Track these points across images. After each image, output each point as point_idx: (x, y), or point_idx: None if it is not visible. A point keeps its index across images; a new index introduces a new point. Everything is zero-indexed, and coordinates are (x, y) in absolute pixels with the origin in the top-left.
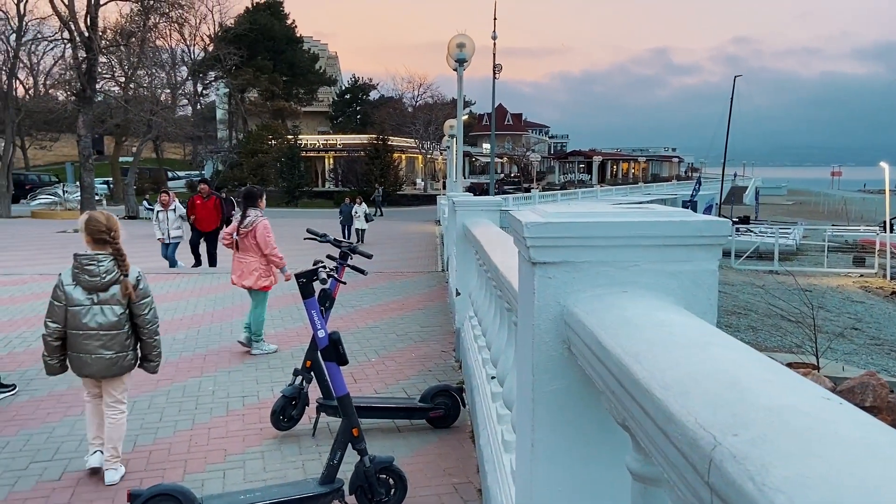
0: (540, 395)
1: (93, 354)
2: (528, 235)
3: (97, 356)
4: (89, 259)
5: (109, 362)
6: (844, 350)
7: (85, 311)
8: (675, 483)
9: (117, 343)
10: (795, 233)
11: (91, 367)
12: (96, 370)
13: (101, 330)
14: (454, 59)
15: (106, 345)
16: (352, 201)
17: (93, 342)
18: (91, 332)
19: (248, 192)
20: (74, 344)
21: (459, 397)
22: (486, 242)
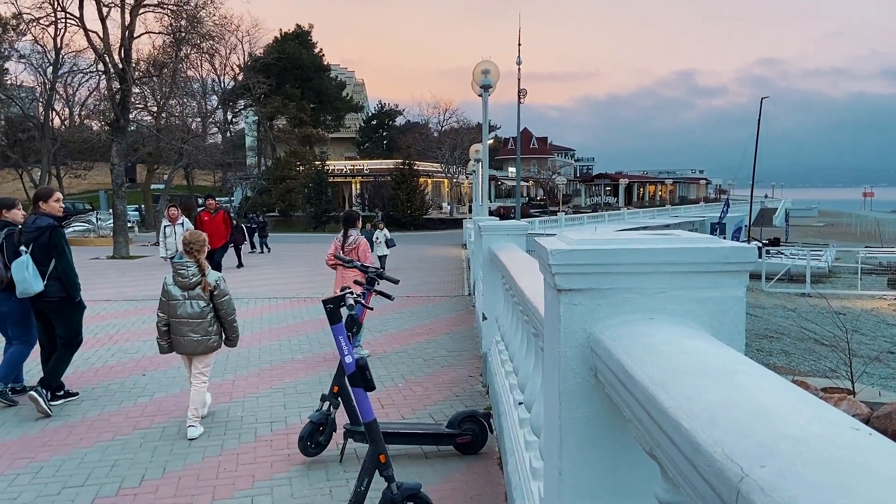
0: (567, 422)
1: (184, 337)
2: (553, 263)
3: (187, 339)
4: (182, 265)
5: (196, 343)
6: (881, 374)
7: (180, 304)
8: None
9: (202, 329)
10: (827, 255)
11: (184, 346)
12: (188, 349)
13: (191, 318)
14: (479, 84)
15: (194, 329)
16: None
17: (184, 328)
18: (183, 320)
19: (348, 216)
20: (174, 329)
21: (487, 423)
22: (512, 267)
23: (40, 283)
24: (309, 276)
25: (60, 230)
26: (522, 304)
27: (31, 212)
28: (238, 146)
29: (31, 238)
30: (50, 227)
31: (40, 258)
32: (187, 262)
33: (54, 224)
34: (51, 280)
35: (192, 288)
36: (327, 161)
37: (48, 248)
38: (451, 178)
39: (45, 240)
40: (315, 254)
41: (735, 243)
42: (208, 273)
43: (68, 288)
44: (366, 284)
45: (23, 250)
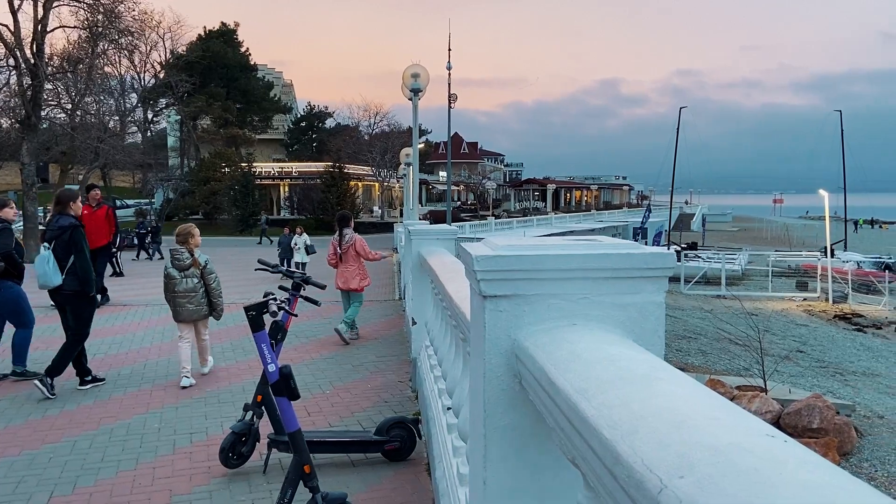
0: (492, 430)
1: (183, 308)
2: (478, 269)
3: (185, 309)
4: (178, 251)
5: (192, 311)
6: (790, 372)
7: (178, 282)
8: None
9: (196, 301)
10: (741, 258)
11: (182, 314)
12: (186, 316)
13: (187, 292)
14: (409, 88)
15: (190, 301)
16: (291, 232)
17: (183, 300)
18: (181, 293)
19: (342, 216)
20: (175, 302)
21: (415, 429)
22: (440, 272)
23: (59, 277)
24: (233, 282)
25: (81, 230)
26: (451, 309)
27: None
28: (159, 146)
29: (54, 236)
30: (72, 226)
31: (60, 254)
32: (181, 249)
33: (76, 224)
34: (68, 275)
35: (187, 268)
36: (254, 163)
37: (69, 245)
38: (382, 181)
39: (66, 238)
40: (241, 258)
41: (655, 249)
42: (198, 255)
43: (84, 283)
44: (291, 290)
45: (45, 246)
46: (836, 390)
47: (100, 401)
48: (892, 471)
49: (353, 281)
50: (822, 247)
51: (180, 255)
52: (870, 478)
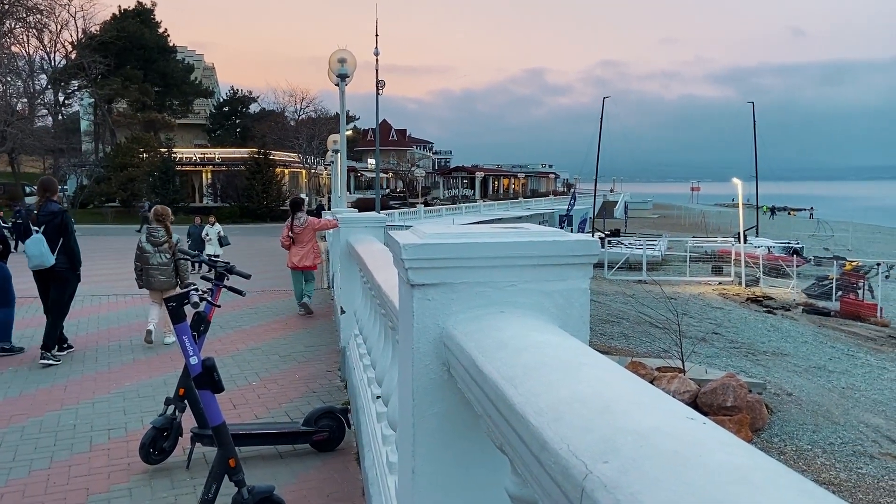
0: (420, 419)
1: (155, 279)
2: (405, 257)
3: (157, 280)
4: (154, 229)
5: (163, 282)
6: (707, 353)
7: (151, 255)
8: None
9: (166, 273)
10: (661, 244)
11: (153, 284)
12: (157, 286)
13: (160, 265)
14: (336, 74)
15: (161, 273)
16: (203, 222)
17: (155, 272)
18: (154, 266)
19: (295, 201)
20: (148, 273)
21: (344, 418)
22: (369, 260)
23: (52, 258)
24: None
25: (69, 214)
26: (380, 298)
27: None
28: (72, 130)
29: (45, 220)
30: (61, 211)
31: (51, 237)
32: (158, 227)
33: (64, 209)
34: (59, 255)
35: (161, 244)
36: (174, 148)
37: (59, 228)
38: (310, 168)
39: (57, 222)
40: None
41: (580, 236)
42: (173, 235)
43: (74, 261)
44: (214, 280)
45: (36, 230)
46: (749, 370)
47: (9, 398)
48: (799, 444)
49: (306, 259)
50: (736, 233)
51: (156, 231)
52: (780, 452)
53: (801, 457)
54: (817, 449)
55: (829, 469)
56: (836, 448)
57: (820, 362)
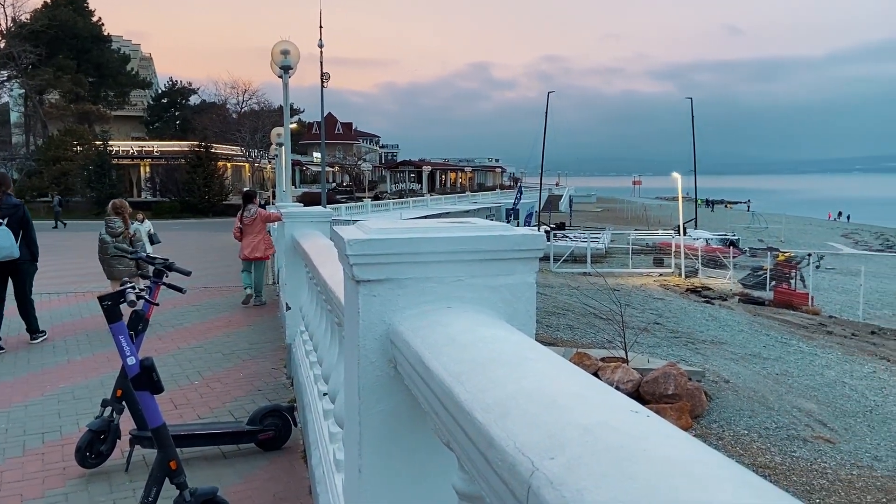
0: (367, 417)
1: (114, 267)
2: (350, 253)
3: (115, 268)
4: (112, 220)
5: (122, 270)
6: (649, 343)
7: (110, 246)
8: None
9: (124, 262)
10: (604, 237)
11: (113, 273)
12: (117, 274)
13: (117, 255)
14: (278, 65)
15: (120, 262)
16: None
17: (114, 261)
18: (112, 256)
19: (247, 194)
20: (108, 263)
21: (291, 416)
22: (314, 256)
23: (18, 249)
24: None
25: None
26: (326, 294)
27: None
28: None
29: (8, 213)
30: (22, 204)
31: (14, 230)
32: (115, 219)
33: (22, 202)
34: (21, 246)
35: (118, 236)
36: (110, 141)
37: (21, 220)
38: (253, 162)
39: (19, 214)
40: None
41: (526, 231)
42: (130, 226)
43: (34, 252)
44: (153, 277)
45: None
46: (689, 358)
47: None
48: (737, 430)
49: (257, 250)
50: (676, 225)
51: (113, 223)
52: (718, 437)
53: (739, 442)
54: (753, 434)
55: (765, 453)
56: (772, 432)
57: (755, 350)
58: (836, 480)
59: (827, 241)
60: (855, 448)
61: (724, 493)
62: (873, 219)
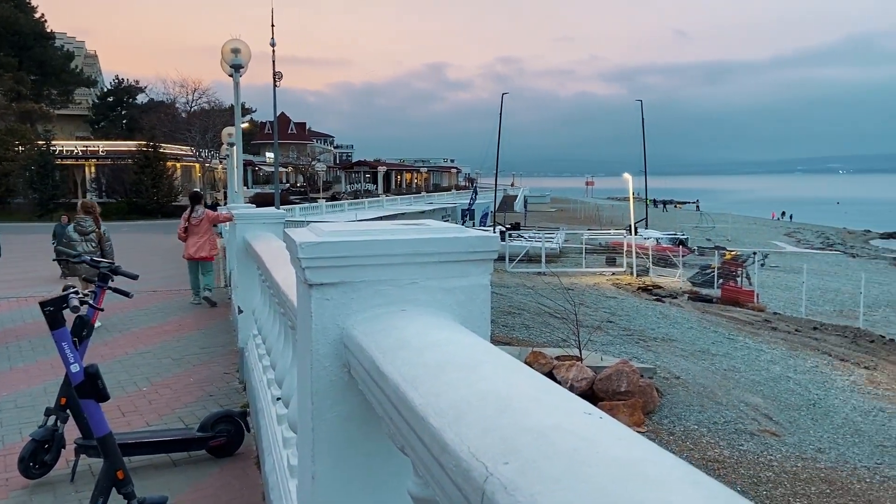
0: (320, 422)
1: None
2: (303, 256)
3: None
4: (82, 219)
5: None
6: (602, 341)
7: (78, 243)
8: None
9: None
10: (559, 237)
11: (79, 270)
12: (83, 272)
13: (85, 252)
14: (229, 64)
15: None
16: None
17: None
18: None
19: (194, 195)
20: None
21: (243, 422)
22: (267, 258)
23: None
24: (30, 272)
25: None
26: (278, 297)
27: None
28: None
29: None
30: None
31: None
32: (86, 218)
33: None
34: None
35: (88, 233)
36: (53, 141)
37: None
38: (204, 162)
39: None
40: (39, 245)
41: (480, 233)
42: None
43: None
44: (98, 281)
45: None
46: (641, 355)
47: None
48: (687, 425)
49: (202, 250)
50: (628, 225)
51: (84, 222)
52: (669, 433)
53: (689, 436)
54: (703, 428)
55: (714, 447)
56: (720, 427)
57: (704, 346)
58: (781, 472)
59: (771, 240)
60: (799, 441)
61: (677, 494)
62: (814, 218)
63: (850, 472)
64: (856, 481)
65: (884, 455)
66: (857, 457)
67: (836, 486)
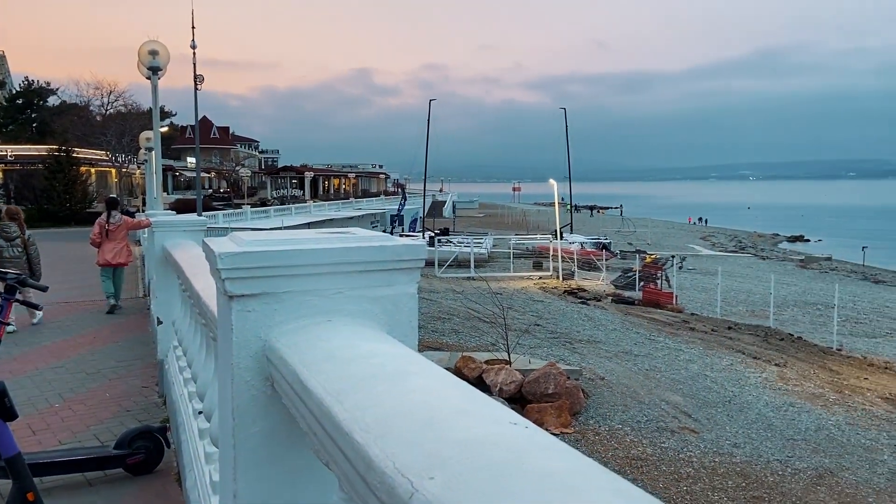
0: (242, 439)
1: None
2: (222, 267)
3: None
4: (6, 226)
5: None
6: (530, 344)
7: (4, 248)
8: None
9: (18, 265)
10: (487, 242)
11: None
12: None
13: (12, 258)
14: (146, 66)
15: (14, 265)
16: None
17: (9, 264)
18: (7, 258)
19: (111, 200)
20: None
21: (163, 438)
22: (187, 267)
23: None
24: None
25: None
26: (199, 307)
27: None
28: None
29: None
30: None
31: None
32: (10, 224)
33: None
34: None
35: (13, 239)
36: None
37: None
38: (120, 167)
39: None
40: None
41: (407, 241)
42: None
43: None
44: (3, 294)
45: None
46: (567, 357)
47: None
48: (612, 424)
49: (120, 256)
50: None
51: (8, 228)
52: (595, 433)
53: (614, 436)
54: (627, 427)
55: (637, 445)
56: (643, 425)
57: (627, 347)
58: (700, 468)
59: (688, 244)
60: (716, 437)
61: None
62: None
63: (764, 466)
64: (769, 474)
65: (794, 448)
66: (770, 451)
67: (751, 479)
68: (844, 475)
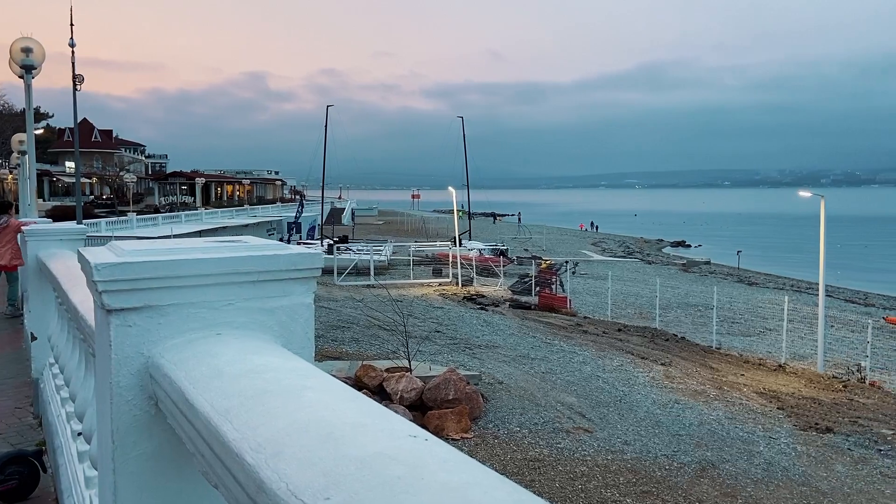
0: (123, 463)
1: None
2: (99, 279)
3: None
4: None
5: None
6: (430, 351)
7: None
8: None
9: None
10: (387, 249)
11: None
12: None
13: None
14: (19, 65)
15: None
16: None
17: None
18: None
19: (5, 203)
20: None
21: (39, 462)
22: (64, 279)
23: None
24: None
25: None
26: (77, 322)
27: None
28: None
29: None
30: None
31: None
32: None
33: None
34: None
35: None
36: None
37: None
38: None
39: None
40: None
41: (302, 249)
42: None
43: None
44: None
45: None
46: (467, 363)
47: None
48: (510, 427)
49: (3, 258)
50: (453, 237)
51: None
52: (494, 436)
53: (512, 438)
54: (525, 430)
55: (535, 447)
56: (540, 427)
57: (524, 351)
58: (594, 466)
59: (580, 249)
60: (609, 435)
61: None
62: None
63: (652, 461)
64: (657, 469)
65: (679, 443)
66: (658, 446)
67: (641, 475)
68: (725, 467)
